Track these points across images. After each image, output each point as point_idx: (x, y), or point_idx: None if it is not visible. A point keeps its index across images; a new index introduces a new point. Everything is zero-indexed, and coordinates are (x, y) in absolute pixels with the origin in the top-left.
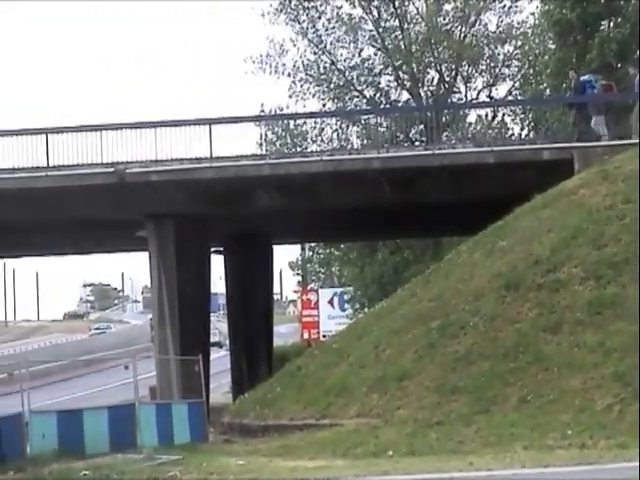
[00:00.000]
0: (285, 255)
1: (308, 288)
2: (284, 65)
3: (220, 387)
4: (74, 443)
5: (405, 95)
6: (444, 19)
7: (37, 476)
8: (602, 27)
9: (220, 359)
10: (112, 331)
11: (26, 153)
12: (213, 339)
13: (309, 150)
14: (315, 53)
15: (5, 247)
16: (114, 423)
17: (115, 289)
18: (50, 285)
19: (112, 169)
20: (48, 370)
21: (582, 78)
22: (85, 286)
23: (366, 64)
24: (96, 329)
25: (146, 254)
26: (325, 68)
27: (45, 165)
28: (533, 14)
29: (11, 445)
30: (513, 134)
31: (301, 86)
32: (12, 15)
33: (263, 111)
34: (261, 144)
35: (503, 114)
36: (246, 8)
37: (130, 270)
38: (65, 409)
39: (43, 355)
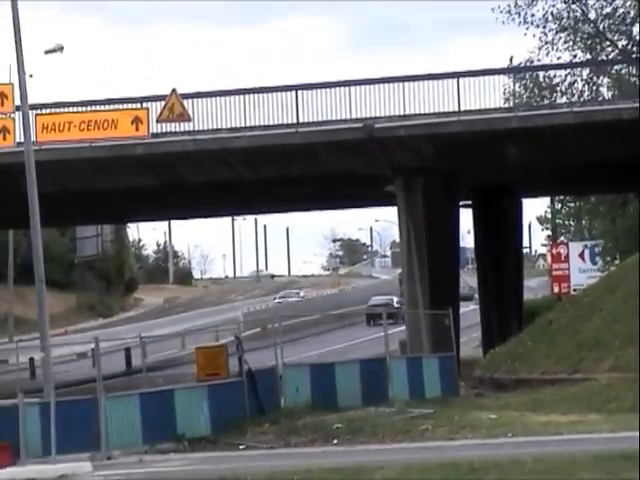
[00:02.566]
0: (533, 208)
1: (558, 241)
2: (533, 16)
3: (470, 341)
4: (326, 396)
5: None
6: None
7: (291, 428)
8: None
9: (469, 313)
10: (292, 300)
11: (276, 110)
12: (462, 293)
13: (557, 102)
14: (565, 2)
15: (257, 203)
16: (366, 377)
17: (364, 244)
18: (300, 241)
19: (361, 124)
20: (300, 324)
21: None
22: (334, 241)
23: (618, 12)
24: (281, 297)
25: (394, 209)
26: (575, 18)
27: (295, 122)
28: None
29: (266, 398)
30: None
31: (552, 37)
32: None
33: (512, 63)
34: (508, 98)
35: None
36: None
37: (378, 225)
38: (318, 363)
39: (295, 310)
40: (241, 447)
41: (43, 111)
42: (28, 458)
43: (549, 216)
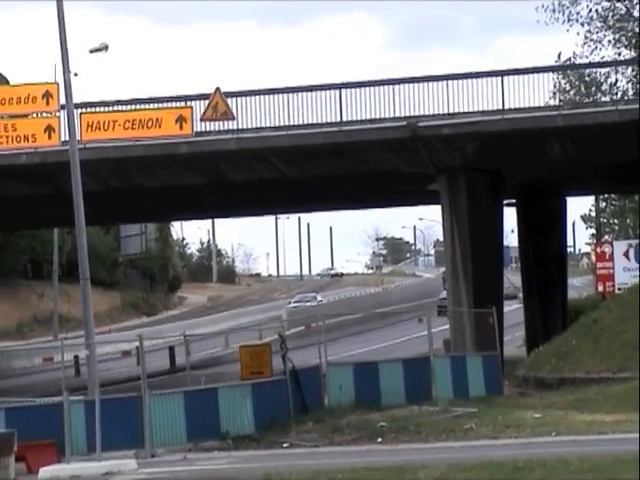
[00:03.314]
0: (577, 206)
1: (602, 240)
2: (578, 14)
3: (513, 340)
4: (370, 395)
5: None
6: None
7: (335, 427)
8: None
9: (513, 312)
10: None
11: (320, 108)
12: (506, 292)
13: (603, 100)
14: (609, 0)
15: (301, 201)
16: (409, 375)
17: (407, 243)
18: (344, 239)
19: (405, 123)
20: (343, 323)
21: None
22: (377, 240)
23: None
24: (296, 301)
25: (438, 207)
26: (620, 16)
27: (339, 120)
28: None
29: (310, 396)
30: None
31: (596, 34)
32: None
33: (559, 60)
34: (555, 93)
35: None
36: None
37: (422, 224)
38: (361, 361)
39: (338, 308)
40: (285, 445)
41: (88, 110)
42: (73, 455)
43: (593, 215)
